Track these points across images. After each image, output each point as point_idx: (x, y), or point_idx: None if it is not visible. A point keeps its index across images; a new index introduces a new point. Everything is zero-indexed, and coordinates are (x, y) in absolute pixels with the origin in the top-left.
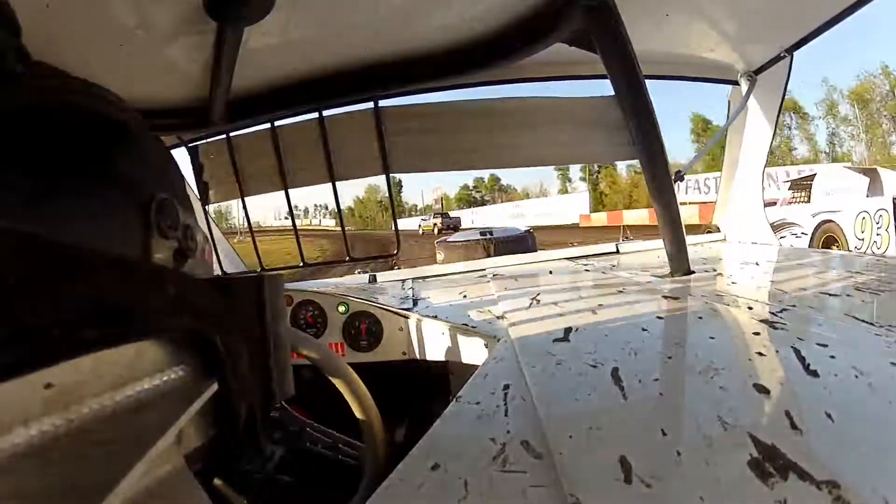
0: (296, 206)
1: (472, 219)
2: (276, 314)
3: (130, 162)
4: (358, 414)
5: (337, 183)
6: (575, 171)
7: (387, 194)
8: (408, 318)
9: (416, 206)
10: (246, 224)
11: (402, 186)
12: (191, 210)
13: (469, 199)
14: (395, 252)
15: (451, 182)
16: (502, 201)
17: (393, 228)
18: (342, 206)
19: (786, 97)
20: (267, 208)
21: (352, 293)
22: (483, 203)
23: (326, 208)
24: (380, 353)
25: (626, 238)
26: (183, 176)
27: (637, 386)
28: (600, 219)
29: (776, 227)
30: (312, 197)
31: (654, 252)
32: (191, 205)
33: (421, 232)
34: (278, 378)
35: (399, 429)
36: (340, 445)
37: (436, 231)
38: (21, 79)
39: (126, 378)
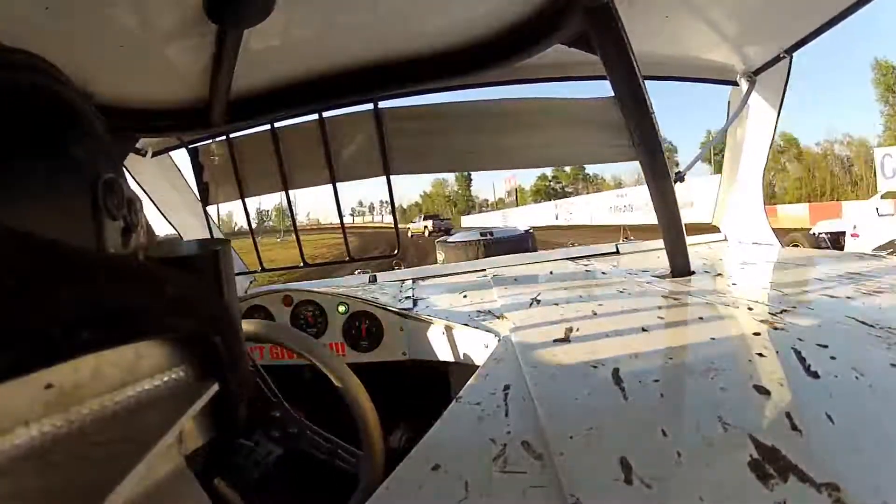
0: (360, 203)
1: (556, 213)
2: (230, 285)
3: (78, 141)
4: (357, 415)
5: (397, 178)
6: (686, 146)
7: (456, 188)
8: (408, 318)
9: (487, 200)
10: (292, 224)
11: (471, 180)
12: (126, 180)
13: (547, 191)
14: (396, 252)
15: (526, 172)
16: (587, 192)
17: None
18: (408, 203)
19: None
20: (330, 205)
21: (352, 293)
22: (564, 195)
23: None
24: (380, 354)
25: (627, 239)
26: (114, 145)
27: (637, 386)
28: (794, 214)
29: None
30: (379, 193)
31: (655, 252)
32: (124, 174)
33: (410, 234)
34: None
35: (399, 429)
36: (339, 451)
37: (426, 233)
38: None
39: (126, 379)
